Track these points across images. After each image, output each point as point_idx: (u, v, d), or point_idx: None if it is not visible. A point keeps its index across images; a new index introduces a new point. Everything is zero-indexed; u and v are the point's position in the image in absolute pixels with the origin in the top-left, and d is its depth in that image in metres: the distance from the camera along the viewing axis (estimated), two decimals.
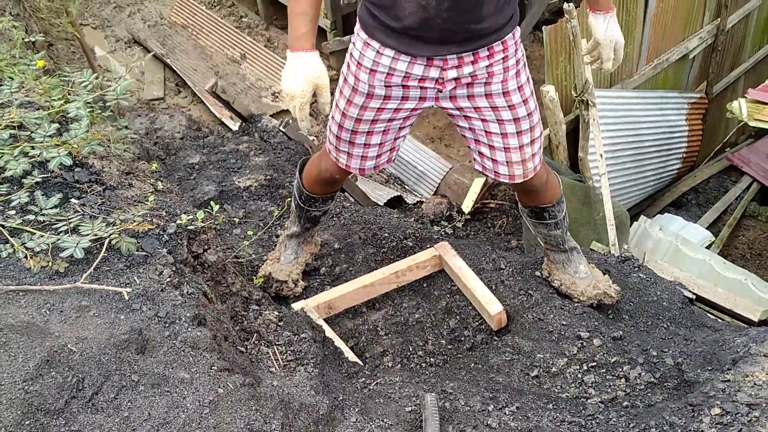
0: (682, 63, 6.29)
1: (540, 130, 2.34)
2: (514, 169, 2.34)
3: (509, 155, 2.30)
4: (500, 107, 2.20)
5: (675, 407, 2.06)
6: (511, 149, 2.28)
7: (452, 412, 2.12)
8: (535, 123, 2.29)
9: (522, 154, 2.30)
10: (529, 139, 2.29)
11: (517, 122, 2.24)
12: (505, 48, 2.11)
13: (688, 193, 6.73)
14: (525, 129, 2.26)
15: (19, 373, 1.53)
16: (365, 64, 2.13)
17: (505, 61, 2.13)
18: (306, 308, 2.61)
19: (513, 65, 2.14)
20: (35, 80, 2.45)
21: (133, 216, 1.94)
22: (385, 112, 2.22)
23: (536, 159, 2.37)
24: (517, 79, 2.17)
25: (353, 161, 2.37)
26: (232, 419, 1.64)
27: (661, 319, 2.84)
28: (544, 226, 2.68)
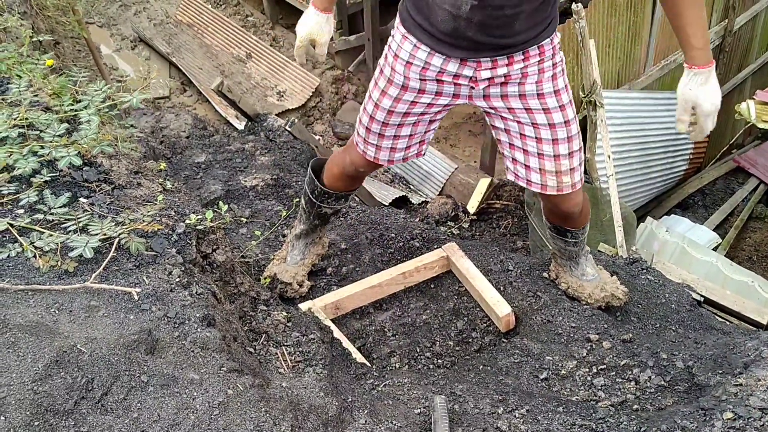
0: None
1: (579, 144, 2.22)
2: (546, 179, 2.25)
3: (543, 162, 2.22)
4: (534, 109, 2.14)
5: (686, 411, 2.04)
6: (545, 156, 2.20)
7: (461, 414, 2.10)
8: (573, 134, 2.19)
9: (557, 165, 2.21)
10: (567, 150, 2.19)
11: (553, 128, 2.16)
12: (542, 52, 2.06)
13: (695, 195, 6.72)
14: (561, 138, 2.17)
15: (28, 373, 1.52)
16: (402, 56, 2.14)
17: (540, 63, 2.08)
18: (313, 308, 2.60)
19: (549, 68, 2.09)
20: (43, 79, 2.45)
21: (142, 216, 1.93)
22: (418, 105, 2.21)
23: (575, 175, 2.26)
24: (553, 83, 2.11)
25: (382, 153, 2.35)
26: (241, 421, 1.63)
27: (670, 322, 2.83)
28: (563, 242, 2.64)
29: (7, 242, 1.80)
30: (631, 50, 5.51)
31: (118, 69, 6.67)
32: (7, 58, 2.58)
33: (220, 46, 7.08)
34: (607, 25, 5.17)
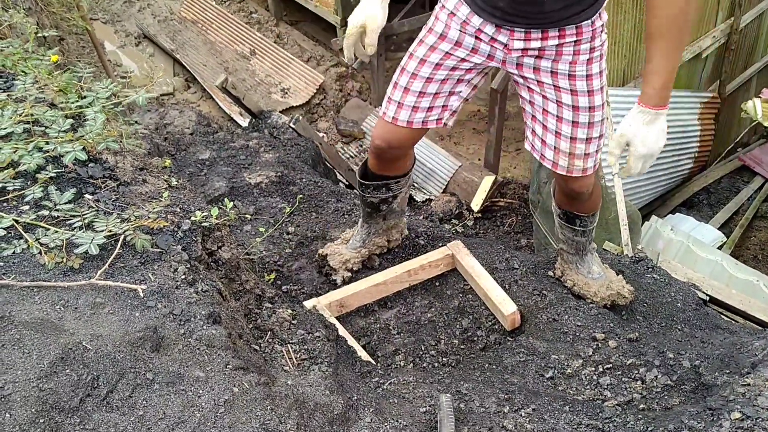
0: (694, 62, 6.26)
1: (600, 132, 2.22)
2: (559, 158, 2.27)
3: (558, 141, 2.23)
4: (562, 88, 2.14)
5: (694, 411, 2.03)
6: (562, 136, 2.22)
7: (467, 413, 2.10)
8: (595, 120, 2.19)
9: (572, 147, 2.22)
10: (585, 135, 2.20)
11: (576, 111, 2.16)
12: (579, 32, 2.03)
13: (700, 193, 6.70)
14: (582, 122, 2.18)
15: (33, 370, 1.52)
16: (447, 6, 2.17)
17: (577, 45, 2.06)
18: (318, 306, 2.59)
19: (586, 51, 2.07)
20: (48, 75, 2.44)
21: (148, 212, 1.92)
22: (452, 58, 2.20)
23: (588, 161, 2.27)
24: (587, 66, 2.09)
25: (402, 112, 2.30)
26: (247, 419, 1.63)
27: (675, 321, 2.81)
28: (571, 230, 2.64)
29: (13, 238, 1.80)
30: (636, 48, 5.49)
31: (122, 65, 6.67)
32: (12, 54, 2.57)
33: (224, 42, 7.07)
34: (613, 22, 5.16)
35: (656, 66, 1.91)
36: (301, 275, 2.97)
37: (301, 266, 3.04)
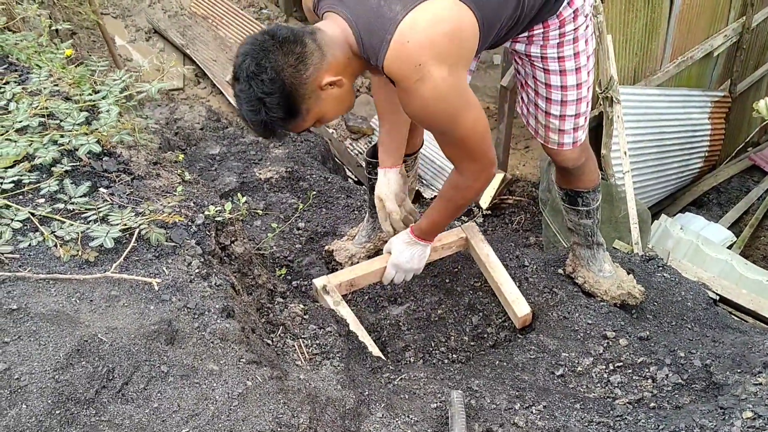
0: (706, 61, 6.23)
1: (576, 111, 2.35)
2: (537, 127, 2.45)
3: (536, 111, 2.41)
4: (536, 66, 2.28)
5: (705, 409, 2.03)
6: (538, 108, 2.39)
7: (478, 409, 2.10)
8: (569, 99, 2.31)
9: (546, 120, 2.39)
10: (558, 112, 2.34)
11: (548, 88, 2.31)
12: (546, 25, 2.15)
13: (710, 193, 6.68)
14: (555, 99, 2.32)
15: (49, 362, 1.53)
16: None
17: (545, 33, 2.18)
18: (328, 285, 2.59)
19: (555, 36, 2.17)
20: (62, 69, 2.45)
21: (162, 206, 1.93)
22: None
23: (564, 137, 2.41)
24: (558, 49, 2.21)
25: None
26: (260, 412, 1.63)
27: (685, 320, 2.81)
28: (576, 213, 2.67)
29: (29, 231, 1.81)
30: (648, 46, 5.47)
31: (132, 60, 6.68)
32: (26, 47, 2.58)
33: (234, 38, 7.08)
34: (624, 20, 5.14)
35: (432, 212, 2.36)
36: (311, 270, 2.98)
37: (311, 261, 3.05)
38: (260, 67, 1.78)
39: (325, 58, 1.85)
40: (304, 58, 1.82)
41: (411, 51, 1.81)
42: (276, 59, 1.78)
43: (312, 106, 1.89)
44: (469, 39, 1.91)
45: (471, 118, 1.97)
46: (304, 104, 1.87)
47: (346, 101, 1.98)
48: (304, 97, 1.85)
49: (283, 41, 1.80)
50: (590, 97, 2.37)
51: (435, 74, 1.83)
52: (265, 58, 1.78)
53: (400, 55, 1.82)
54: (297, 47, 1.81)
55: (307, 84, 1.84)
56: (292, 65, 1.80)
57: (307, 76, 1.83)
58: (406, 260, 2.49)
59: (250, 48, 1.80)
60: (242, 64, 1.80)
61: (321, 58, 1.85)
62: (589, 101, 2.37)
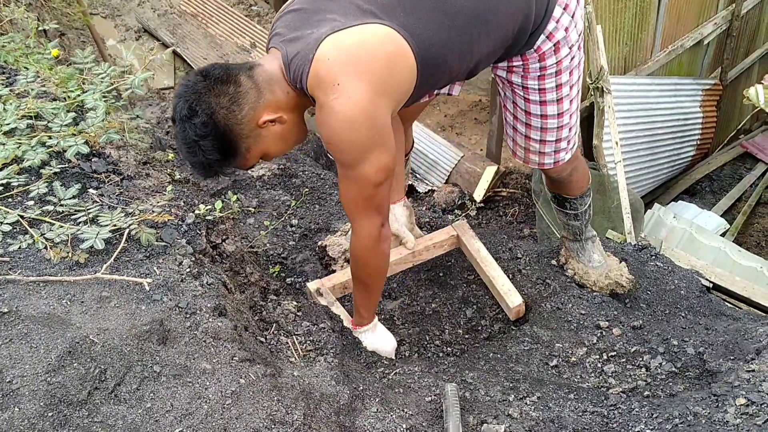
0: (696, 49, 6.24)
1: (557, 136, 2.30)
2: (516, 148, 2.42)
3: (515, 134, 2.37)
4: (518, 93, 2.24)
5: (698, 397, 2.04)
6: (517, 131, 2.35)
7: (472, 402, 2.10)
8: (549, 127, 2.27)
9: (526, 143, 2.35)
10: (538, 137, 2.31)
11: (528, 115, 2.27)
12: (525, 59, 2.10)
13: (702, 181, 6.70)
14: (535, 126, 2.28)
15: (41, 364, 1.53)
16: None
17: (525, 66, 2.12)
18: (321, 288, 2.59)
19: (535, 69, 2.11)
20: (50, 70, 2.44)
21: (152, 206, 1.93)
22: None
23: (545, 158, 2.38)
24: (539, 81, 2.15)
25: None
26: (254, 410, 1.64)
27: (679, 308, 2.82)
28: (564, 214, 2.68)
29: (18, 234, 1.81)
30: (638, 36, 5.48)
31: (122, 60, 6.67)
32: (14, 49, 2.57)
33: (224, 35, 7.06)
34: (613, 10, 5.14)
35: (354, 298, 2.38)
36: (305, 267, 2.98)
37: (305, 258, 3.04)
38: (192, 111, 1.75)
39: (262, 96, 1.82)
40: (238, 98, 1.79)
41: (331, 68, 1.75)
42: (208, 101, 1.76)
43: (252, 145, 1.86)
44: (400, 70, 1.82)
45: (380, 160, 1.88)
46: (242, 144, 1.83)
47: (292, 137, 1.94)
48: (241, 136, 1.82)
49: (215, 81, 1.77)
50: (574, 120, 2.31)
51: (354, 95, 1.75)
52: (196, 102, 1.75)
53: (319, 73, 1.76)
54: (230, 87, 1.78)
55: (242, 124, 1.80)
56: (224, 107, 1.77)
57: (242, 116, 1.80)
58: (378, 349, 2.41)
59: (183, 90, 1.78)
60: (176, 107, 1.78)
61: (257, 97, 1.81)
62: (572, 126, 2.32)
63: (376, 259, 2.14)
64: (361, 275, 2.23)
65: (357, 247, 2.10)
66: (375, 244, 2.07)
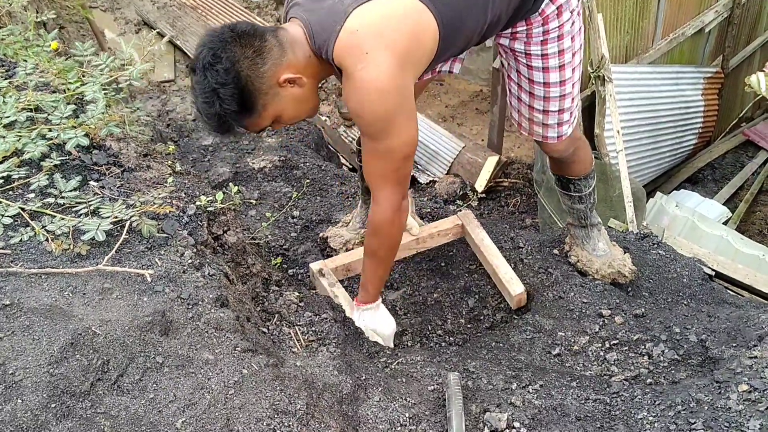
0: (697, 37, 6.21)
1: (559, 107, 2.31)
2: (521, 119, 2.43)
3: (519, 105, 2.38)
4: (520, 61, 2.25)
5: (701, 384, 2.04)
6: (522, 102, 2.36)
7: (475, 390, 2.11)
8: (552, 96, 2.28)
9: (530, 113, 2.36)
10: (542, 107, 2.32)
11: (531, 83, 2.28)
12: (528, 23, 2.11)
13: (704, 169, 6.67)
14: (538, 95, 2.29)
15: (43, 356, 1.53)
16: None
17: (528, 31, 2.14)
18: (324, 270, 2.60)
19: (539, 34, 2.14)
20: (49, 62, 2.44)
21: (153, 198, 1.93)
22: None
23: (549, 131, 2.39)
24: (542, 47, 2.17)
25: None
26: (257, 399, 1.64)
27: (681, 296, 2.82)
28: (568, 197, 2.68)
29: (20, 226, 1.81)
30: (639, 24, 5.45)
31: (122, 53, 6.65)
32: (13, 42, 2.57)
33: None
34: None
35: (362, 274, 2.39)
36: (307, 258, 2.98)
37: (307, 250, 3.05)
38: (216, 57, 1.75)
39: (285, 54, 1.83)
40: (263, 51, 1.80)
41: (360, 38, 1.78)
42: (233, 50, 1.76)
43: (269, 103, 1.86)
44: (425, 41, 1.85)
45: (408, 132, 1.92)
46: (260, 99, 1.84)
47: (308, 103, 1.95)
48: (261, 91, 1.82)
49: (242, 34, 1.78)
50: (576, 92, 2.34)
51: (382, 65, 1.78)
52: (221, 49, 1.76)
53: (348, 43, 1.78)
54: (256, 41, 1.79)
55: (264, 78, 1.81)
56: (249, 57, 1.78)
57: (265, 70, 1.80)
58: (377, 329, 2.42)
59: (208, 39, 1.78)
60: (199, 55, 1.78)
61: (281, 55, 1.82)
62: (574, 97, 2.34)
63: (394, 230, 2.17)
64: (375, 246, 2.24)
65: (378, 217, 2.11)
66: (395, 215, 2.10)
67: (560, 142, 2.43)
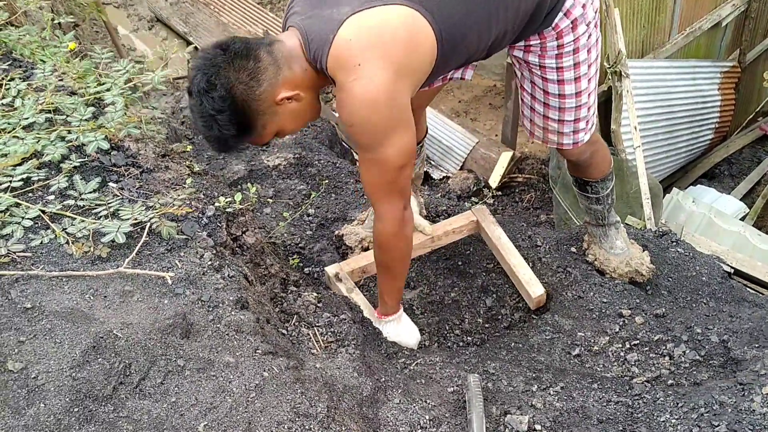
0: (714, 31, 6.15)
1: (575, 116, 2.28)
2: (534, 128, 2.40)
3: (533, 115, 2.35)
4: (535, 73, 2.21)
5: (724, 386, 2.02)
6: (536, 112, 2.33)
7: (495, 392, 2.09)
8: (567, 107, 2.25)
9: (545, 123, 2.33)
10: (557, 117, 2.29)
11: (546, 95, 2.25)
12: (542, 37, 2.07)
13: (721, 164, 6.62)
14: (553, 105, 2.26)
15: (66, 359, 1.53)
16: None
17: (542, 45, 2.10)
18: (340, 273, 2.59)
19: (553, 47, 2.09)
20: (66, 63, 2.44)
21: (172, 199, 1.92)
22: None
23: (564, 138, 2.36)
24: (557, 60, 2.13)
25: None
26: (278, 403, 1.63)
27: (701, 295, 2.79)
28: (586, 198, 2.66)
29: (40, 229, 1.81)
30: (655, 18, 5.40)
31: (135, 50, 6.66)
32: (30, 42, 2.57)
33: (237, 24, 7.03)
34: None
35: (380, 288, 2.38)
36: (323, 257, 2.97)
37: (323, 248, 3.04)
38: (210, 84, 1.73)
39: (280, 72, 1.80)
40: (257, 74, 1.77)
41: (352, 49, 1.74)
42: (227, 76, 1.73)
43: (268, 122, 1.84)
44: (422, 52, 1.81)
45: (401, 142, 1.87)
46: (259, 120, 1.82)
47: (307, 115, 1.92)
48: (258, 112, 1.80)
49: (234, 56, 1.75)
50: (592, 101, 2.30)
51: (376, 77, 1.73)
52: (215, 75, 1.73)
53: (341, 54, 1.75)
54: (250, 62, 1.76)
55: (260, 100, 1.79)
56: (243, 82, 1.75)
57: (261, 92, 1.78)
58: (401, 341, 2.41)
59: (201, 63, 1.75)
60: (194, 79, 1.76)
61: (276, 73, 1.80)
62: (590, 106, 2.30)
63: (401, 243, 2.13)
64: (385, 260, 2.22)
65: (381, 232, 2.09)
66: (399, 228, 2.06)
67: (576, 147, 2.41)
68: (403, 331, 2.41)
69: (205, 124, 1.78)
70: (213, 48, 1.78)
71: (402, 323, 2.42)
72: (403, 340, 2.40)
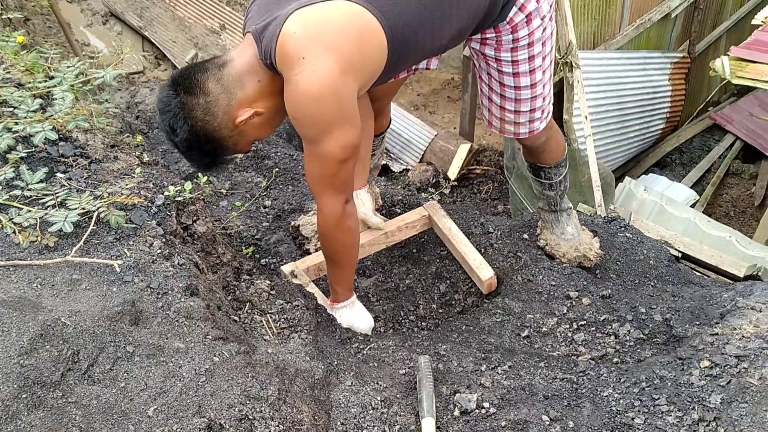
0: (664, 22, 6.29)
1: (531, 106, 2.33)
2: (492, 118, 2.46)
3: (491, 105, 2.41)
4: (491, 66, 2.26)
5: (664, 361, 2.09)
6: (493, 102, 2.39)
7: (446, 373, 2.14)
8: (523, 98, 2.30)
9: (501, 113, 2.38)
10: (513, 108, 2.35)
11: (502, 87, 2.30)
12: (497, 31, 2.11)
13: (672, 153, 6.78)
14: (509, 97, 2.31)
15: (13, 347, 1.53)
16: None
17: (498, 39, 2.14)
18: (296, 271, 2.61)
19: (508, 41, 2.14)
20: (15, 56, 2.42)
21: (120, 189, 1.93)
22: None
23: (520, 128, 2.42)
24: (512, 54, 2.17)
25: None
26: (228, 386, 1.66)
27: (648, 277, 2.88)
28: (539, 184, 2.74)
29: None
30: (606, 10, 5.51)
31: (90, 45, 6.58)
32: None
33: (193, 18, 6.98)
34: None
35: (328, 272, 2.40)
36: (280, 248, 2.99)
37: (279, 239, 3.06)
38: (172, 129, 1.84)
39: (233, 98, 1.85)
40: (210, 107, 1.83)
41: (296, 43, 1.75)
42: (183, 117, 1.82)
43: (238, 141, 1.92)
44: (371, 49, 1.82)
45: (345, 137, 1.88)
46: (227, 143, 1.90)
47: (275, 119, 1.96)
48: (224, 138, 1.89)
49: (186, 94, 1.82)
50: (548, 91, 2.34)
51: (320, 70, 1.74)
52: (173, 120, 1.82)
53: (286, 48, 1.76)
54: (200, 99, 1.82)
55: (221, 129, 1.86)
56: (199, 119, 1.83)
57: (218, 123, 1.85)
58: (354, 326, 2.42)
59: (160, 107, 1.84)
60: (160, 124, 1.88)
61: (228, 100, 1.85)
62: (545, 96, 2.34)
63: (343, 235, 2.16)
64: (329, 252, 2.27)
65: (322, 224, 2.13)
66: (339, 221, 2.09)
67: (531, 135, 2.46)
68: (356, 316, 2.45)
69: (185, 158, 1.94)
70: (166, 90, 1.84)
71: (355, 309, 2.45)
72: (357, 325, 2.43)
